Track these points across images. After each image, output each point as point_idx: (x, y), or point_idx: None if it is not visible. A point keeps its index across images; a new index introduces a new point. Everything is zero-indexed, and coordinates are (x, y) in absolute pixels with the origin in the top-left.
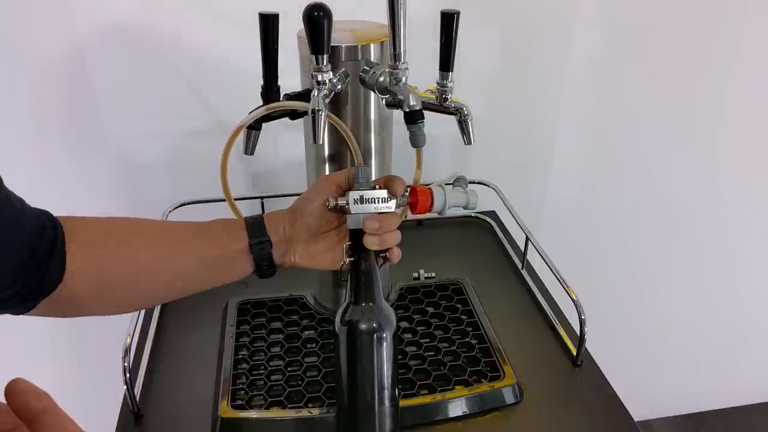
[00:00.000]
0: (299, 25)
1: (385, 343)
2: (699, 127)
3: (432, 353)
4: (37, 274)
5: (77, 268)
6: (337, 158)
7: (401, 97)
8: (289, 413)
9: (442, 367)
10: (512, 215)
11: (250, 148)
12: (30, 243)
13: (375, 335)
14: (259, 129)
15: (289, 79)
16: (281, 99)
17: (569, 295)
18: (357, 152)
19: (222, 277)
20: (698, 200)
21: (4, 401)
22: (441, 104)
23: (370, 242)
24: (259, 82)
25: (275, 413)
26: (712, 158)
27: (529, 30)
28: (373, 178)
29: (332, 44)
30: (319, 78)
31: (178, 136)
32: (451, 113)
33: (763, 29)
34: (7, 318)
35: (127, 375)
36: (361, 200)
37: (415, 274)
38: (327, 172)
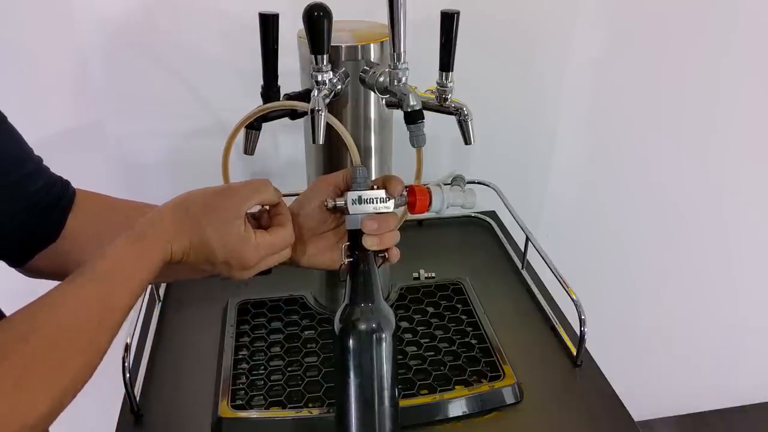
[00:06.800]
0: (299, 25)
1: (384, 344)
2: (699, 127)
3: (432, 353)
4: (35, 221)
5: (78, 230)
6: (337, 158)
7: (401, 97)
8: (289, 413)
9: (442, 367)
10: (512, 215)
11: (249, 148)
12: (35, 194)
13: (374, 336)
14: (258, 129)
15: (289, 79)
16: (281, 99)
17: (569, 295)
18: (354, 152)
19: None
20: (698, 200)
21: None
22: (441, 104)
23: (369, 242)
24: (259, 82)
25: (275, 413)
26: (713, 158)
27: (529, 30)
28: (373, 178)
29: (332, 44)
30: (319, 78)
31: (178, 136)
32: (451, 113)
33: (764, 29)
34: None
35: (127, 375)
36: (360, 200)
37: (415, 274)
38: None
